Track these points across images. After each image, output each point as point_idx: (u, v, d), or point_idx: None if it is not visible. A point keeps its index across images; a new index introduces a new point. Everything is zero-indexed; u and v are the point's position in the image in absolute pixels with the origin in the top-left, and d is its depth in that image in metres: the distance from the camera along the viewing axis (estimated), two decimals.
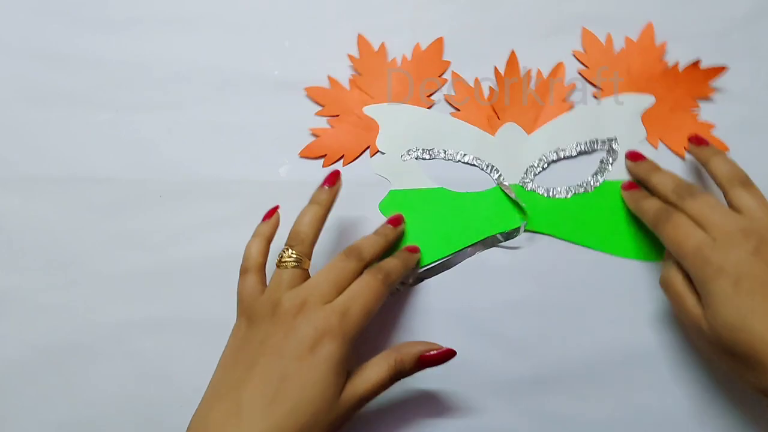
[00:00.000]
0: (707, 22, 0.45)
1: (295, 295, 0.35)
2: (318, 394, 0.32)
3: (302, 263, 0.36)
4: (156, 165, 0.45)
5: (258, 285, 0.37)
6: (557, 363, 0.42)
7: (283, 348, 0.33)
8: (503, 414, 0.41)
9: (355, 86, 0.46)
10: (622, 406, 0.41)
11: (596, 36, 0.46)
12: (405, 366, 0.36)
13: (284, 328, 0.34)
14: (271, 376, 0.32)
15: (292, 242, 0.37)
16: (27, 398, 0.43)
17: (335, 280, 0.35)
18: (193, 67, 0.46)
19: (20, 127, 0.46)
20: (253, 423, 0.31)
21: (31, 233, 0.45)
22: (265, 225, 0.39)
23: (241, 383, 0.33)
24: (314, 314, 0.34)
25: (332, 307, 0.34)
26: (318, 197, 0.39)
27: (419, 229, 0.44)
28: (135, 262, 0.44)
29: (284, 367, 0.32)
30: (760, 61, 0.45)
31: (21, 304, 0.44)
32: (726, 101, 0.44)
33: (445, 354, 0.36)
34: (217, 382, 0.34)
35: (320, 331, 0.33)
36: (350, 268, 0.36)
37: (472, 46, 0.46)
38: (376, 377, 0.35)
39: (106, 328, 0.43)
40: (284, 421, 0.31)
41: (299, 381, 0.32)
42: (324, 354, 0.33)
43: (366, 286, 0.35)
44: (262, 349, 0.33)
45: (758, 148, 0.43)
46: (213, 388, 0.34)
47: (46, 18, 0.47)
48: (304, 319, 0.33)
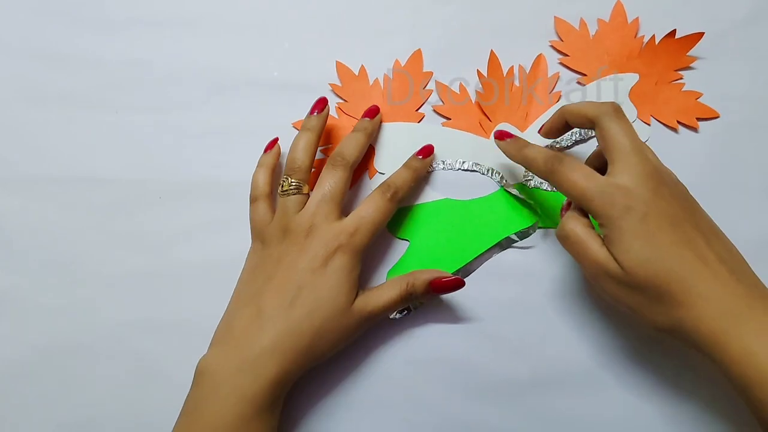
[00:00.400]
0: (707, 24, 0.45)
1: (301, 218, 0.38)
2: (331, 300, 0.36)
3: (302, 189, 0.39)
4: (156, 166, 0.46)
5: (267, 211, 0.40)
6: (557, 363, 0.42)
7: (297, 263, 0.37)
8: (505, 415, 0.41)
9: (342, 113, 0.46)
10: (624, 408, 0.41)
11: (569, 23, 0.46)
12: (416, 290, 0.39)
13: (297, 247, 0.37)
14: (288, 286, 0.36)
15: (290, 171, 0.40)
16: (27, 398, 0.43)
17: (332, 195, 0.39)
18: (193, 68, 0.47)
19: (20, 127, 0.46)
20: (274, 324, 0.36)
21: (30, 233, 0.45)
22: (267, 156, 0.43)
23: (262, 292, 0.37)
24: (324, 233, 0.37)
25: (342, 227, 0.38)
26: (308, 123, 0.41)
27: (432, 243, 0.44)
28: (135, 263, 0.44)
29: (300, 279, 0.37)
30: (760, 62, 0.45)
31: (21, 304, 0.44)
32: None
33: (454, 282, 0.39)
34: (238, 293, 0.39)
35: (331, 248, 0.37)
36: (339, 176, 0.39)
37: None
38: (387, 296, 0.38)
39: (106, 329, 0.43)
40: (301, 322, 0.36)
41: (314, 289, 0.36)
42: (336, 265, 0.37)
43: (374, 207, 0.39)
44: (279, 264, 0.37)
45: (759, 150, 0.44)
46: (235, 299, 0.39)
47: (46, 18, 0.47)
48: (315, 238, 0.37)
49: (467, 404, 0.42)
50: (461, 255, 0.43)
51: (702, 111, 0.44)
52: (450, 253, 0.43)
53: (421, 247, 0.44)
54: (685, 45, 0.45)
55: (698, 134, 0.45)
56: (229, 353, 0.36)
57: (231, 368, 0.35)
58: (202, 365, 0.36)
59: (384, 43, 0.46)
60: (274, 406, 0.35)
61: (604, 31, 0.46)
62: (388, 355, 0.42)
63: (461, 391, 0.42)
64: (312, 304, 0.36)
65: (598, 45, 0.46)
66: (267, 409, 0.35)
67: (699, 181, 0.43)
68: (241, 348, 0.35)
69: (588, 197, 0.34)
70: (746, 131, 0.44)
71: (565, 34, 0.46)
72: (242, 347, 0.35)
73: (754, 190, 0.44)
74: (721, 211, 0.43)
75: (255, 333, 0.36)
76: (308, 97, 0.43)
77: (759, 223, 0.43)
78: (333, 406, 0.42)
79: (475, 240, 0.44)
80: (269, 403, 0.35)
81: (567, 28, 0.46)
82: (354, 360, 0.42)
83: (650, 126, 0.45)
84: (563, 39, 0.46)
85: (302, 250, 0.37)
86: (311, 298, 0.36)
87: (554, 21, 0.46)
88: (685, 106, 0.45)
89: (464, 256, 0.43)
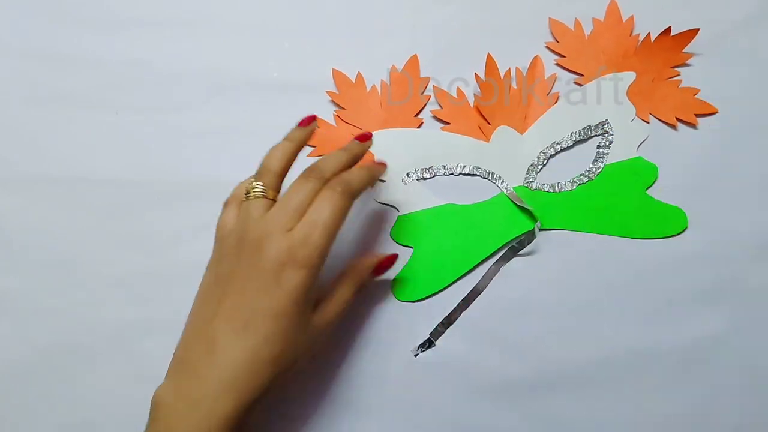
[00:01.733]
0: (707, 25, 0.45)
1: (256, 226, 0.34)
2: (288, 324, 0.33)
3: (267, 193, 0.36)
4: (156, 166, 0.45)
5: (231, 218, 0.37)
6: (559, 364, 0.42)
7: (249, 281, 0.33)
8: (505, 415, 0.41)
9: (341, 121, 0.45)
10: (624, 408, 0.41)
11: (564, 23, 0.46)
12: (365, 282, 0.39)
13: (248, 261, 0.34)
14: (241, 309, 0.33)
15: (260, 176, 0.36)
16: (27, 399, 0.42)
17: (296, 206, 0.34)
18: (193, 68, 0.47)
19: (20, 127, 0.46)
20: (228, 355, 0.32)
21: (30, 234, 0.44)
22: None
23: (213, 319, 0.33)
24: (275, 245, 0.33)
25: (292, 236, 0.33)
26: (291, 134, 0.38)
27: (436, 249, 0.43)
28: (135, 264, 0.44)
29: (252, 300, 0.33)
30: (760, 64, 0.46)
31: (21, 305, 0.43)
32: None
33: (390, 259, 0.40)
34: (192, 319, 0.35)
35: (281, 263, 0.33)
36: (310, 188, 0.35)
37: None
38: (342, 301, 0.37)
39: (106, 329, 0.43)
40: (258, 351, 0.32)
41: (269, 312, 0.33)
42: (289, 285, 0.33)
43: (325, 205, 0.34)
44: (231, 283, 0.34)
45: (758, 150, 0.44)
46: (189, 325, 0.35)
47: (46, 19, 0.47)
48: (266, 250, 0.33)
49: (467, 405, 0.41)
50: (466, 259, 0.43)
51: (700, 107, 0.44)
52: (454, 257, 0.43)
53: (425, 254, 0.43)
54: (680, 42, 0.45)
55: (698, 133, 0.45)
56: (182, 387, 0.33)
57: (185, 404, 0.32)
58: (157, 398, 0.33)
59: (384, 44, 0.46)
60: None
61: (599, 31, 0.46)
62: (388, 356, 0.42)
63: (462, 391, 0.42)
64: (268, 329, 0.33)
65: (594, 45, 0.46)
66: None
67: (699, 180, 0.44)
68: (195, 382, 0.33)
69: None
70: (746, 131, 0.44)
71: (561, 35, 0.46)
72: (196, 381, 0.33)
73: (753, 189, 0.44)
74: (721, 209, 0.43)
75: (208, 366, 0.32)
76: (308, 98, 0.43)
77: (758, 222, 0.43)
78: (333, 407, 0.41)
79: (478, 245, 0.43)
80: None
81: (562, 29, 0.46)
82: (354, 360, 0.42)
83: (649, 124, 0.45)
84: (559, 40, 0.46)
85: (254, 267, 0.33)
86: (267, 322, 0.33)
87: (549, 22, 0.46)
88: (683, 103, 0.45)
89: (468, 262, 0.43)
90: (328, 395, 0.42)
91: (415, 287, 0.43)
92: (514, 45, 0.46)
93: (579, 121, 0.45)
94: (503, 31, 0.47)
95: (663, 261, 0.43)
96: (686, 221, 0.43)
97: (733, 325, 0.42)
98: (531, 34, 0.46)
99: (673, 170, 0.44)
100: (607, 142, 0.44)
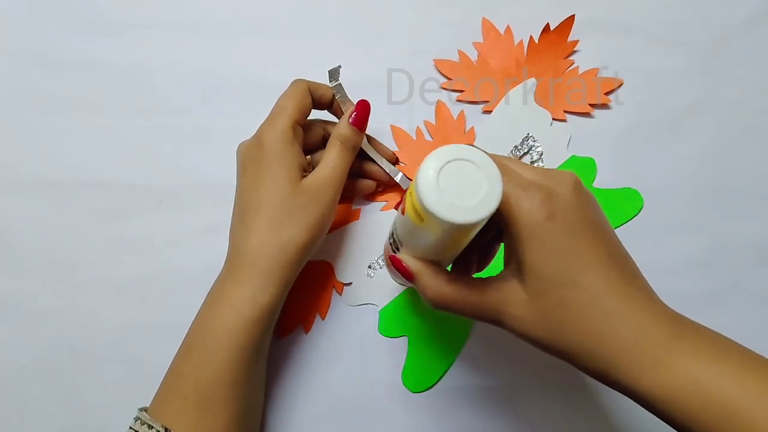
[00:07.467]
0: (707, 28, 0.45)
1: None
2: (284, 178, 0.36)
3: None
4: (156, 170, 0.45)
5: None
6: (557, 365, 0.41)
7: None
8: (505, 416, 0.42)
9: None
10: (624, 409, 0.42)
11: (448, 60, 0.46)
12: (349, 139, 0.39)
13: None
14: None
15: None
16: (28, 402, 0.43)
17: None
18: (193, 71, 0.46)
19: (20, 132, 0.46)
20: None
21: (31, 238, 0.44)
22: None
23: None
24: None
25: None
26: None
27: (430, 328, 0.43)
28: (135, 267, 0.44)
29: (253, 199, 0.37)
30: (760, 67, 0.46)
31: (22, 308, 0.44)
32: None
33: (361, 105, 0.39)
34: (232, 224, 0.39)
35: (257, 144, 0.38)
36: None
37: None
38: (329, 158, 0.38)
39: (107, 333, 0.43)
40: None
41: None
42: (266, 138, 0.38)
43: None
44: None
45: (759, 154, 0.45)
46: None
47: (46, 23, 0.47)
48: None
49: (468, 405, 0.42)
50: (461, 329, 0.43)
51: (606, 85, 0.45)
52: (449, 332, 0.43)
53: (420, 339, 0.43)
54: (562, 32, 0.45)
55: (698, 139, 0.45)
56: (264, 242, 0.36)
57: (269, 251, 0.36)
58: (245, 247, 0.36)
59: (384, 44, 0.46)
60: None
61: (484, 52, 0.46)
62: (389, 356, 0.42)
63: (462, 392, 0.42)
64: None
65: (485, 67, 0.46)
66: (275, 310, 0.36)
67: (700, 185, 0.44)
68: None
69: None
70: (746, 136, 0.45)
71: (450, 71, 0.46)
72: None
73: (754, 195, 0.44)
74: (722, 215, 0.44)
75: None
76: None
77: (759, 228, 0.44)
78: (333, 408, 0.42)
79: None
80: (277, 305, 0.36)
81: (449, 65, 0.46)
82: (354, 361, 0.42)
83: (567, 122, 0.45)
84: (450, 77, 0.46)
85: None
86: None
87: (434, 64, 0.46)
88: (590, 87, 0.45)
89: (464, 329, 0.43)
90: (326, 396, 0.42)
91: (423, 376, 0.42)
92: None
93: (504, 146, 0.44)
94: None
95: (661, 264, 0.43)
96: (641, 198, 0.43)
97: (733, 325, 0.42)
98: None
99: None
100: (537, 155, 0.44)
